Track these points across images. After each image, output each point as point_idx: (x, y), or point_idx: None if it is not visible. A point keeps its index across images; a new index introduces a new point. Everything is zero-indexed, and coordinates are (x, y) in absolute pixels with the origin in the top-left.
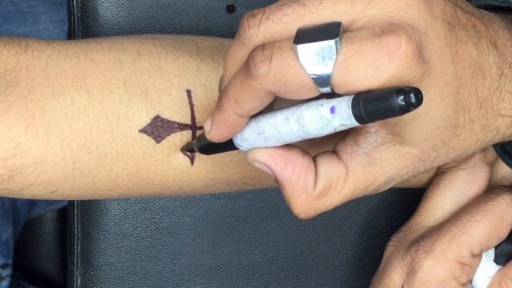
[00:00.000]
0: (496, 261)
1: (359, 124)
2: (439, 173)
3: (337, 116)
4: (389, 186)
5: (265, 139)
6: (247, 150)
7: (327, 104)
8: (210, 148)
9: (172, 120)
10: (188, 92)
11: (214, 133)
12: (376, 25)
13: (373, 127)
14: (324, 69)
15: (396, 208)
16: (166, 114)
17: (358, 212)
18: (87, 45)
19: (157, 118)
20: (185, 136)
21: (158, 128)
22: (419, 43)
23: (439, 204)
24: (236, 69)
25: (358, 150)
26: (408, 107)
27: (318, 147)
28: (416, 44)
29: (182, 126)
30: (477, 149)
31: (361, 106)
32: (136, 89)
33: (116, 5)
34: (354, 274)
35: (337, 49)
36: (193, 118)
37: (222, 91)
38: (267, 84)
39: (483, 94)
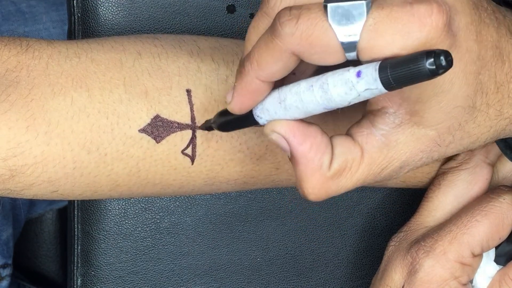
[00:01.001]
0: (497, 261)
1: (385, 91)
2: (440, 173)
3: (363, 79)
4: (402, 173)
5: (286, 108)
6: (265, 123)
7: (353, 69)
8: (229, 124)
9: (172, 119)
10: (188, 91)
11: (235, 101)
12: None
13: (392, 107)
14: (352, 32)
15: (396, 208)
16: (166, 114)
17: (358, 212)
18: (87, 45)
19: (157, 117)
20: (185, 136)
21: (158, 128)
22: (449, 14)
23: (440, 205)
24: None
25: (374, 132)
26: (438, 70)
27: (333, 130)
28: (446, 14)
29: (182, 126)
30: (489, 138)
31: (388, 70)
32: (136, 88)
33: (116, 5)
34: (355, 274)
35: (367, 10)
36: (193, 117)
37: (245, 56)
38: (292, 43)
39: (501, 78)
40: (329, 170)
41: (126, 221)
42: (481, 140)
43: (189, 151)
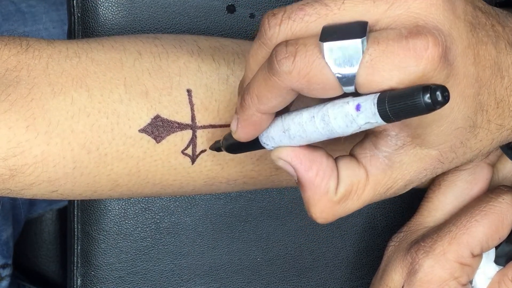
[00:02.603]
0: (497, 261)
1: (385, 123)
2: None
3: (362, 113)
4: (407, 189)
5: (290, 137)
6: (272, 149)
7: (352, 102)
8: (237, 147)
9: (172, 119)
10: (189, 91)
11: (240, 132)
12: (402, 26)
13: (393, 130)
14: (349, 69)
15: (396, 208)
16: (166, 114)
17: (358, 212)
18: (88, 44)
19: (157, 117)
20: (185, 136)
21: (158, 128)
22: (445, 45)
23: (440, 205)
24: (258, 68)
25: (378, 154)
26: (435, 105)
27: (335, 151)
28: (442, 46)
29: (182, 126)
30: (492, 148)
31: (386, 104)
32: (137, 88)
33: (116, 5)
34: (354, 274)
35: (363, 48)
36: (193, 117)
37: (245, 88)
38: (290, 81)
39: (500, 94)
40: (335, 195)
41: (126, 221)
42: (484, 151)
43: (189, 151)
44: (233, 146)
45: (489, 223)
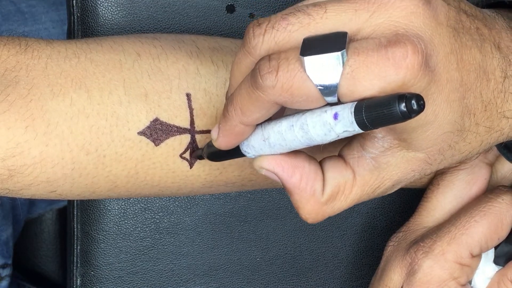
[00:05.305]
0: (496, 262)
1: (362, 131)
2: (439, 173)
3: (340, 122)
4: (395, 189)
5: (270, 145)
6: (253, 157)
7: (330, 110)
8: (218, 155)
9: (171, 123)
10: (188, 95)
11: (221, 140)
12: (382, 35)
13: (380, 132)
14: (330, 80)
15: (396, 208)
16: (165, 117)
17: (358, 212)
18: (86, 45)
19: (156, 121)
20: (184, 140)
21: (157, 131)
22: (425, 52)
23: (439, 205)
24: (242, 77)
25: (365, 155)
26: (410, 114)
27: (324, 152)
28: (422, 54)
29: (181, 130)
30: (481, 150)
31: (363, 113)
32: (136, 91)
33: (116, 5)
34: (354, 274)
35: (343, 60)
36: (192, 122)
37: (228, 100)
38: (274, 95)
39: (487, 97)
40: (322, 196)
41: (126, 221)
42: (473, 153)
43: (187, 155)
44: (215, 154)
45: (488, 223)
